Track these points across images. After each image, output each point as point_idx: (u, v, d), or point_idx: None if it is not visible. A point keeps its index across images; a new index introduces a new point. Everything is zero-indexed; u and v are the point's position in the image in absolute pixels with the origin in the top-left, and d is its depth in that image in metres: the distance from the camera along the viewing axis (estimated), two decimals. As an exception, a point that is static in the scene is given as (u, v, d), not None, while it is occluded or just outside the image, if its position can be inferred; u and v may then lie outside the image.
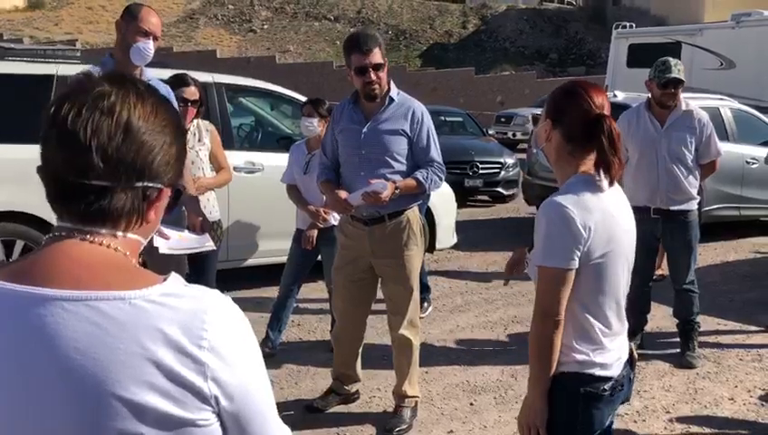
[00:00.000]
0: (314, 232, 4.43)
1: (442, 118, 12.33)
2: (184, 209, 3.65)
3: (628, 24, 14.53)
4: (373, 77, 3.37)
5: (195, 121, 4.05)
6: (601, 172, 1.90)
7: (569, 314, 1.89)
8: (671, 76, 4.36)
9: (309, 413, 3.75)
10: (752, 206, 8.21)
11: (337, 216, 4.04)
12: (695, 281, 4.64)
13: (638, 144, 4.50)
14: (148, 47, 3.20)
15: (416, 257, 3.56)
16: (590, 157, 1.93)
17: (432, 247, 6.04)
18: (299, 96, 6.15)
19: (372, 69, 3.36)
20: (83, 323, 0.89)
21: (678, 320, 4.72)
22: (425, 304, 5.40)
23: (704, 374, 4.43)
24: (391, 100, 3.47)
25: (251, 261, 5.80)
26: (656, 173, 4.45)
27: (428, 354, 4.42)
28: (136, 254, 1.03)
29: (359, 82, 3.41)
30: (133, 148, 0.96)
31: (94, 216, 0.97)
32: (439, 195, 5.85)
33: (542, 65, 30.76)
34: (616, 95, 7.63)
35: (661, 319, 5.26)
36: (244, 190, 5.41)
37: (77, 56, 5.37)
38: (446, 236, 6.43)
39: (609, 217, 1.92)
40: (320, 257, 4.59)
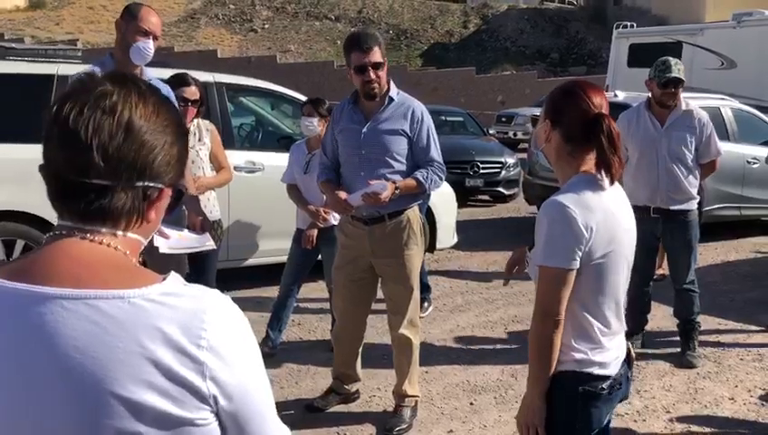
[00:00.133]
0: (314, 232, 4.43)
1: (443, 117, 12.33)
2: (184, 209, 3.65)
3: (628, 24, 14.53)
4: (372, 76, 3.36)
5: (195, 121, 4.06)
6: (602, 172, 1.90)
7: (568, 313, 1.88)
8: (671, 76, 4.36)
9: (309, 413, 3.76)
10: (752, 205, 8.20)
11: (337, 215, 4.04)
12: (695, 281, 4.63)
13: (638, 144, 4.50)
14: (148, 47, 3.20)
15: (416, 257, 3.56)
16: (591, 156, 1.93)
17: (432, 247, 6.04)
18: (299, 96, 6.15)
19: (372, 68, 3.36)
20: (83, 322, 0.89)
21: (679, 320, 4.72)
22: (425, 304, 5.40)
23: (704, 374, 4.43)
24: (391, 99, 3.46)
25: (251, 261, 5.80)
26: (656, 173, 4.45)
27: (429, 354, 4.42)
28: (136, 253, 1.03)
29: (358, 80, 3.40)
30: (134, 147, 0.96)
31: (94, 214, 0.97)
32: (440, 194, 5.85)
33: (542, 65, 30.73)
34: (617, 95, 7.62)
35: (662, 319, 5.26)
36: (245, 190, 5.41)
37: (78, 56, 5.35)
38: (447, 235, 6.43)
39: (611, 216, 1.91)
40: (320, 257, 4.59)
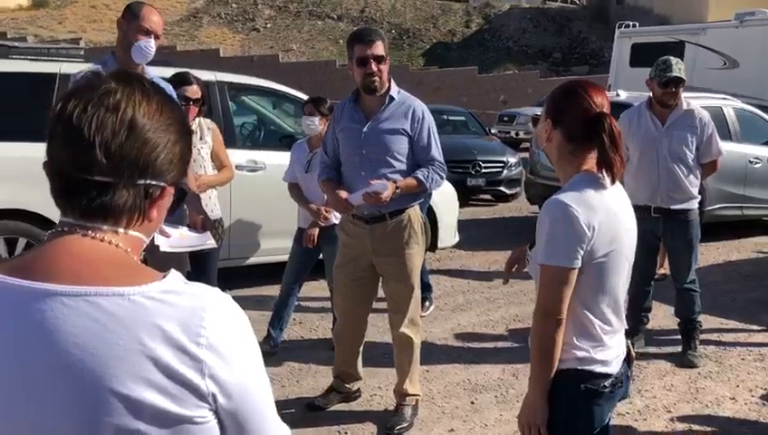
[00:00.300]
0: (316, 230, 4.43)
1: (445, 117, 12.33)
2: (185, 207, 3.65)
3: (631, 24, 14.52)
4: (374, 68, 3.33)
5: (197, 120, 4.06)
6: (603, 171, 1.89)
7: (569, 311, 1.88)
8: (672, 75, 4.35)
9: (310, 411, 3.76)
10: (754, 205, 8.18)
11: (338, 214, 4.04)
12: (696, 280, 4.63)
13: (639, 143, 4.50)
14: (150, 46, 3.21)
15: (417, 256, 3.56)
16: (592, 155, 1.93)
17: (434, 246, 6.04)
18: (301, 95, 6.15)
19: (374, 60, 3.33)
20: (83, 319, 0.89)
21: (680, 319, 4.71)
22: (426, 303, 5.40)
23: (705, 374, 4.43)
24: (391, 98, 3.45)
25: (253, 259, 5.80)
26: (656, 172, 4.45)
27: (430, 353, 4.43)
28: (138, 251, 1.03)
29: (359, 73, 3.37)
30: (137, 145, 0.96)
31: (96, 211, 0.97)
32: (441, 194, 5.85)
33: (545, 64, 30.70)
34: (619, 94, 7.62)
35: (663, 318, 5.25)
36: (247, 189, 5.42)
37: (80, 54, 5.36)
38: (448, 234, 6.43)
39: (613, 215, 1.91)
40: (321, 256, 4.60)
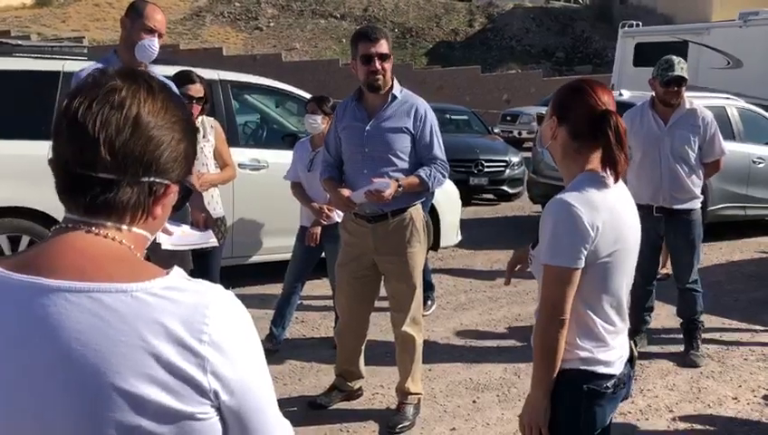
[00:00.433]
0: (318, 229, 4.43)
1: (448, 116, 12.31)
2: (188, 205, 3.66)
3: (634, 23, 14.49)
4: (378, 66, 3.33)
5: (200, 118, 4.07)
6: (607, 169, 1.88)
7: (572, 311, 1.87)
8: (674, 74, 4.34)
9: (312, 410, 3.77)
10: (758, 205, 8.17)
11: (341, 213, 4.05)
12: (698, 280, 4.62)
13: (642, 142, 4.49)
14: (154, 44, 3.21)
15: (419, 255, 3.56)
16: (597, 154, 1.91)
17: (436, 245, 6.04)
18: (304, 93, 6.15)
19: (378, 58, 3.33)
20: (86, 315, 0.90)
21: (682, 319, 4.71)
22: (428, 302, 5.40)
23: (707, 373, 4.43)
24: (394, 97, 3.45)
25: (255, 258, 5.81)
26: (659, 171, 4.44)
27: (432, 352, 4.43)
28: (141, 248, 1.03)
29: (363, 71, 3.37)
30: (141, 142, 0.97)
31: (99, 208, 0.97)
32: (444, 193, 5.85)
33: (548, 64, 30.65)
34: (622, 94, 7.61)
35: (665, 318, 5.25)
36: (249, 187, 5.42)
37: (83, 53, 5.38)
38: (451, 234, 6.43)
39: (617, 215, 1.90)
40: (323, 254, 4.60)
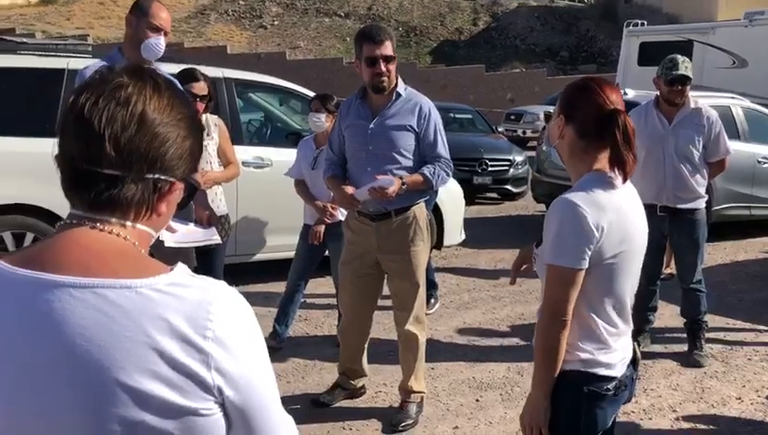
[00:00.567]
0: (322, 227, 4.44)
1: (452, 115, 12.29)
2: (191, 203, 3.67)
3: (639, 22, 14.45)
4: (383, 68, 3.34)
5: (203, 116, 4.07)
6: (615, 169, 1.86)
7: (575, 312, 1.86)
8: (678, 73, 4.33)
9: (315, 407, 3.77)
10: (762, 205, 8.14)
11: (344, 211, 4.05)
12: (702, 280, 4.61)
13: (646, 141, 4.47)
14: (160, 43, 3.21)
15: (422, 253, 3.56)
16: (604, 154, 1.89)
17: (440, 244, 6.04)
18: (308, 92, 6.16)
19: (383, 60, 3.34)
20: (90, 311, 0.90)
21: (686, 319, 4.70)
22: (432, 301, 5.40)
23: (711, 373, 4.42)
24: (398, 95, 3.46)
25: (259, 256, 5.81)
26: (663, 171, 4.43)
27: (435, 350, 4.43)
28: (146, 245, 1.04)
29: (368, 73, 3.38)
30: (146, 139, 0.97)
31: (104, 204, 0.98)
32: (447, 192, 5.85)
33: (552, 63, 30.59)
34: (627, 93, 7.59)
35: (669, 318, 5.24)
36: (253, 185, 5.43)
37: (88, 50, 5.39)
38: (454, 232, 6.43)
39: (624, 216, 1.88)
40: (327, 253, 4.60)
